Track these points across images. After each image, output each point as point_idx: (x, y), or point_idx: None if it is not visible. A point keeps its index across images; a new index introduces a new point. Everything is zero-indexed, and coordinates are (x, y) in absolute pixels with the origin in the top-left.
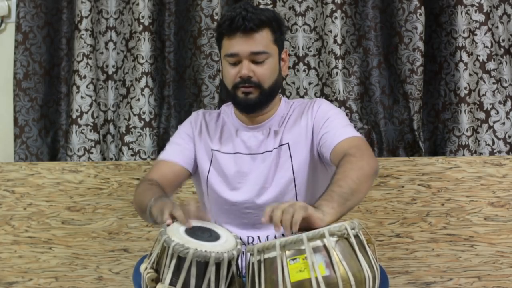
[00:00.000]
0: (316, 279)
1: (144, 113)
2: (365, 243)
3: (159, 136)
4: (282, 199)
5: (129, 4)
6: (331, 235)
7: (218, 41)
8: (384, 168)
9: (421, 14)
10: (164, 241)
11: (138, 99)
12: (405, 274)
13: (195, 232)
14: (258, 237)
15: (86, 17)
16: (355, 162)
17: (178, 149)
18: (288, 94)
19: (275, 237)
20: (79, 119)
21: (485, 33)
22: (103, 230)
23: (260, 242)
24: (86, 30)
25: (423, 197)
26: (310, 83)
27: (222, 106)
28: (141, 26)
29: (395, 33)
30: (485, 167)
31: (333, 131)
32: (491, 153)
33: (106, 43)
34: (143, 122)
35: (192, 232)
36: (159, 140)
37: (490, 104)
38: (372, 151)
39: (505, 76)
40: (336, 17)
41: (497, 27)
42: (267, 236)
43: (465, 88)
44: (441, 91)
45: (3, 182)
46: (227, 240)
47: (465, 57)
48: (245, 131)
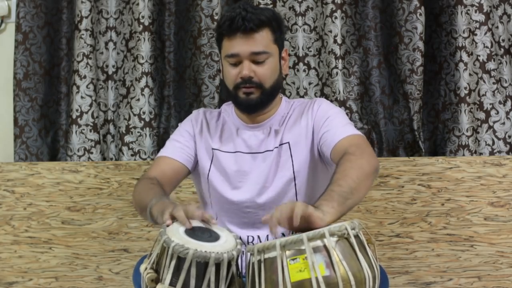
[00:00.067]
0: (316, 279)
1: (144, 113)
2: (365, 243)
3: (159, 136)
4: (283, 198)
5: (129, 4)
6: (331, 235)
7: (218, 41)
8: (384, 168)
9: (421, 14)
10: (164, 241)
11: (138, 99)
12: (405, 274)
13: (195, 233)
14: (258, 237)
15: (86, 17)
16: (355, 161)
17: (178, 147)
18: (288, 94)
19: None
20: (79, 119)
21: (485, 33)
22: (103, 230)
23: (260, 241)
24: (86, 30)
25: (423, 197)
26: (310, 83)
27: (223, 105)
28: (141, 26)
29: (395, 33)
30: (485, 167)
31: (333, 129)
32: (491, 153)
33: (106, 43)
34: (143, 122)
35: (192, 232)
36: (159, 140)
37: (490, 104)
38: (373, 150)
39: (505, 76)
40: (336, 17)
41: (497, 27)
42: (267, 235)
43: (465, 88)
44: (441, 91)
45: (3, 182)
46: (227, 240)
47: (465, 57)
48: (245, 130)
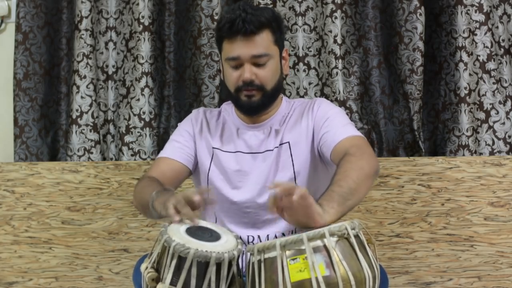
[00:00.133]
0: (316, 279)
1: (144, 113)
2: (365, 243)
3: (159, 136)
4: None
5: (129, 4)
6: (331, 235)
7: (218, 43)
8: (384, 168)
9: (421, 14)
10: (165, 241)
11: (138, 99)
12: (405, 274)
13: (195, 232)
14: (259, 236)
15: (86, 17)
16: (355, 162)
17: (178, 147)
18: (288, 94)
19: (275, 236)
20: (79, 119)
21: (485, 33)
22: (103, 230)
23: (260, 241)
24: (86, 30)
25: (423, 197)
26: (310, 83)
27: (223, 104)
28: (141, 26)
29: (395, 33)
30: (485, 167)
31: (333, 130)
32: (491, 153)
33: (106, 43)
34: (143, 122)
35: (193, 232)
36: (159, 140)
37: (490, 104)
38: (373, 150)
39: (505, 76)
40: (336, 17)
41: (497, 27)
42: (267, 235)
43: (465, 88)
44: (441, 91)
45: (3, 182)
46: (227, 240)
47: (465, 57)
48: (246, 130)
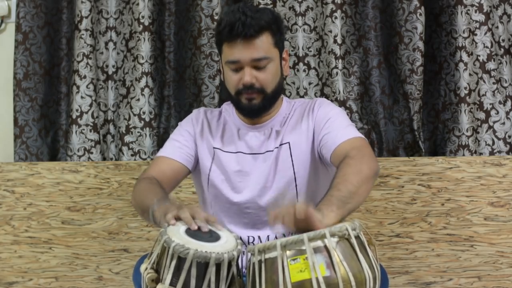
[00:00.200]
0: (317, 279)
1: (144, 113)
2: (366, 243)
3: (159, 136)
4: (283, 199)
5: (129, 4)
6: (332, 235)
7: (217, 45)
8: (384, 168)
9: (421, 14)
10: (165, 241)
11: (138, 99)
12: (405, 274)
13: (195, 233)
14: (259, 237)
15: (86, 17)
16: (354, 165)
17: (178, 146)
18: (288, 94)
19: (275, 237)
20: (79, 119)
21: (485, 33)
22: (103, 230)
23: (261, 242)
24: (86, 30)
25: (423, 197)
26: (310, 83)
27: (223, 104)
28: (141, 26)
29: (395, 33)
30: (485, 167)
31: (334, 132)
32: (491, 153)
33: (106, 43)
34: (143, 122)
35: (193, 232)
36: (159, 140)
37: (490, 104)
38: (373, 152)
39: (505, 76)
40: (336, 17)
41: (497, 27)
42: (267, 236)
43: (465, 88)
44: (441, 91)
45: (3, 182)
46: (227, 240)
47: (465, 57)
48: (247, 130)
